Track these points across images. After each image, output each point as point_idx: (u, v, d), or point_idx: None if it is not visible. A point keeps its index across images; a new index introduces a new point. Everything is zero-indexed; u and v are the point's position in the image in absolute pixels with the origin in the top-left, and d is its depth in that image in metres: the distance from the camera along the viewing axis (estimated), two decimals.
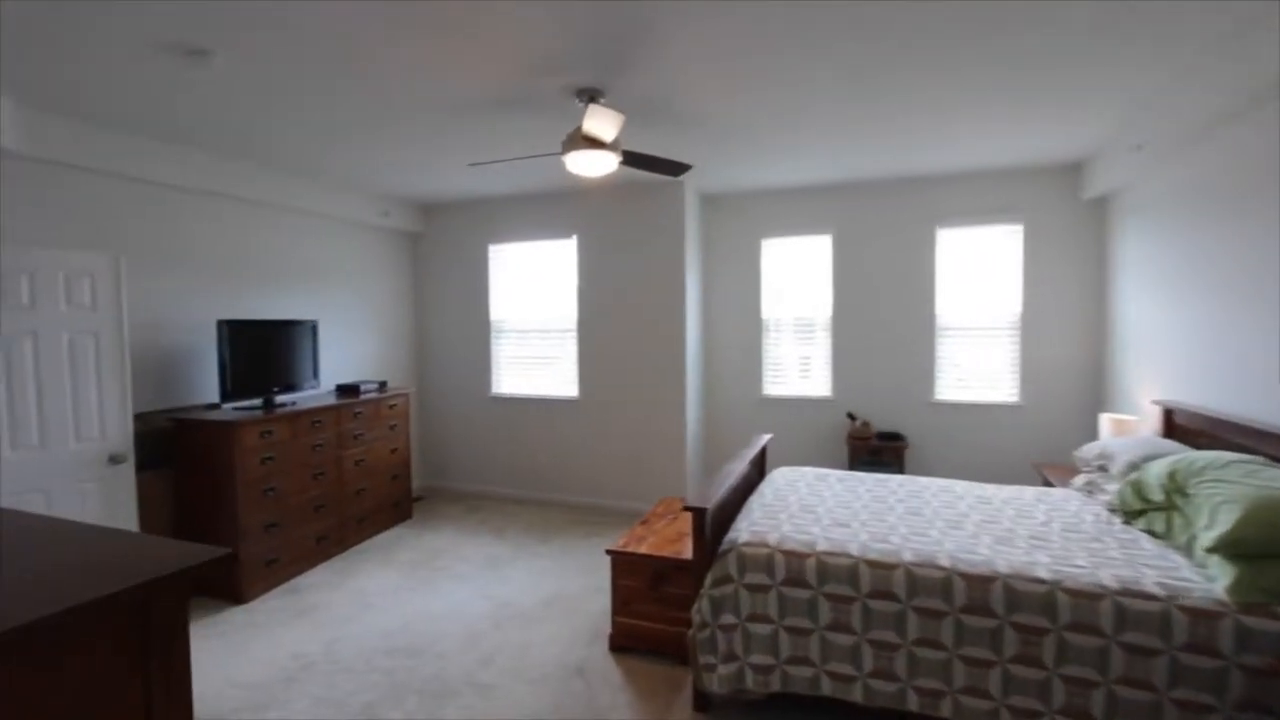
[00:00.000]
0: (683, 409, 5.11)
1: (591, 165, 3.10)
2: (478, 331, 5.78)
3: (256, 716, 2.61)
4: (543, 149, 3.78)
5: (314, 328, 4.50)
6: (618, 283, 5.25)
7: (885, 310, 5.09)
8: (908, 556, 2.40)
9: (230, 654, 3.10)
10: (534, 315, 5.61)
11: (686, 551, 2.99)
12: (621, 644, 3.08)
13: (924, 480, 3.52)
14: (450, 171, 4.51)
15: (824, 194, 5.19)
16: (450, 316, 5.91)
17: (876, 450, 4.89)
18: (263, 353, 4.10)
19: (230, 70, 2.73)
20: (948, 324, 4.96)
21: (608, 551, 3.10)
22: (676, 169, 3.49)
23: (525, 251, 5.60)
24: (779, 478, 3.58)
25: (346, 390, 4.79)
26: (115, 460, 3.36)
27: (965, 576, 2.27)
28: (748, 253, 5.48)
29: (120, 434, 3.39)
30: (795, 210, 5.30)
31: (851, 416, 5.07)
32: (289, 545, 3.98)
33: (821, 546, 2.52)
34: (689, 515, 3.28)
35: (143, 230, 3.73)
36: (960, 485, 3.40)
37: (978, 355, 4.92)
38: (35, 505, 3.07)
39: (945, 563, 2.35)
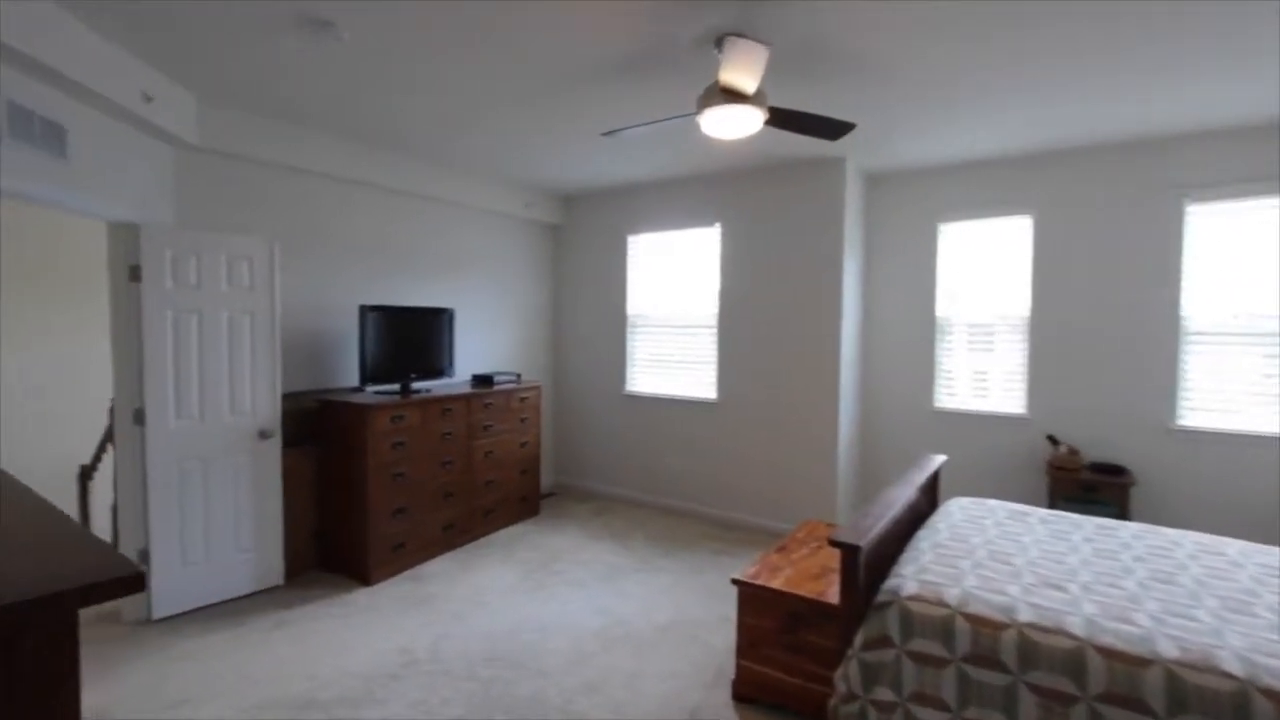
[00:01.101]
0: (835, 420, 4.45)
1: (731, 124, 2.64)
2: (613, 326, 5.55)
3: (353, 715, 2.48)
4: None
5: (451, 316, 4.51)
6: (765, 274, 4.72)
7: (1104, 309, 4.03)
8: (1168, 650, 1.65)
9: (347, 637, 3.06)
10: (672, 310, 5.25)
11: (831, 593, 2.42)
12: (746, 693, 2.58)
13: (1170, 533, 2.60)
14: (587, 150, 4.28)
15: (1022, 165, 4.25)
16: (586, 310, 5.75)
17: (1089, 486, 3.87)
18: (401, 339, 4.15)
19: (360, 44, 2.66)
20: (1201, 328, 3.80)
21: (734, 581, 2.61)
22: (835, 129, 2.91)
23: (665, 242, 5.26)
24: (956, 511, 2.85)
25: (481, 380, 4.77)
26: (264, 435, 3.51)
27: (1273, 696, 1.49)
28: (920, 240, 4.66)
29: (269, 411, 3.54)
30: (983, 186, 4.40)
31: (1054, 441, 4.08)
32: (416, 531, 3.97)
33: (1025, 615, 1.84)
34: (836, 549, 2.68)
35: (294, 217, 3.91)
36: (1233, 546, 2.45)
37: (1240, 367, 3.70)
38: (194, 473, 3.27)
39: (1234, 668, 1.57)
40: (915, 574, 2.11)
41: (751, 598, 2.56)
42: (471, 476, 4.40)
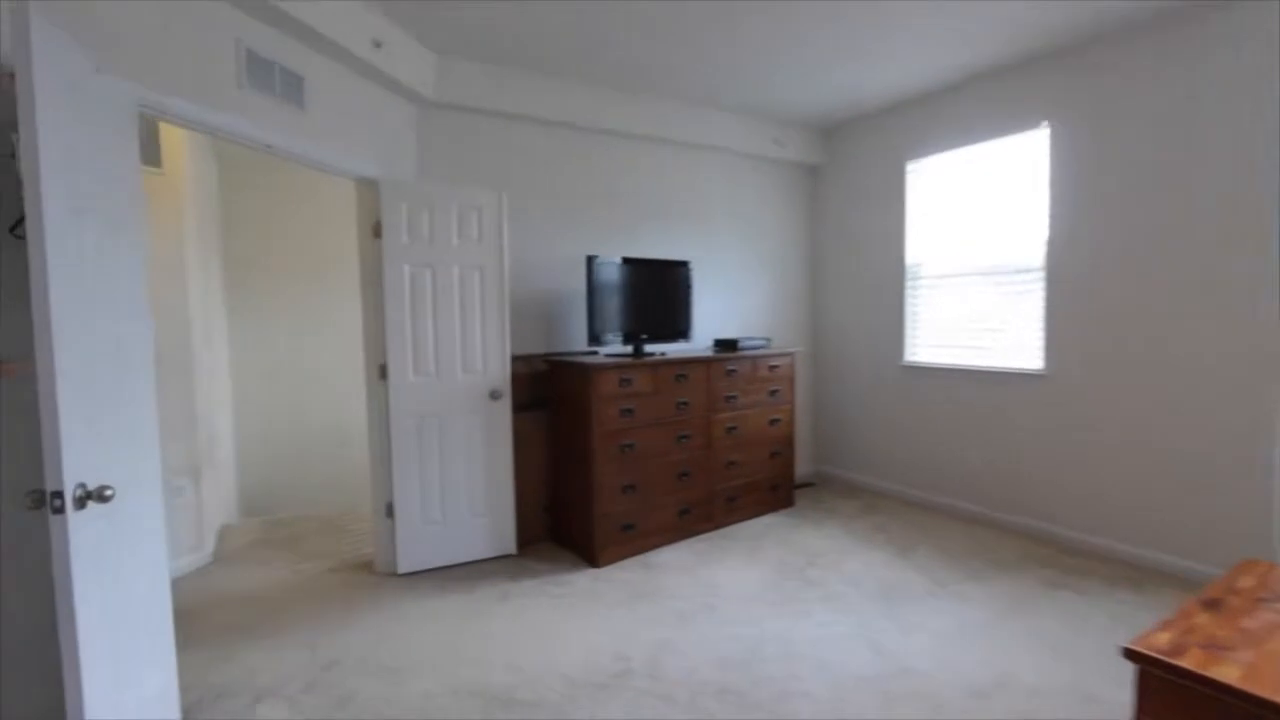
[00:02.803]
0: (1273, 403, 2.75)
1: None
2: (888, 280, 4.41)
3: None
4: None
5: (688, 271, 3.93)
6: (1130, 187, 3.16)
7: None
8: None
9: (562, 624, 2.67)
10: (970, 255, 3.92)
11: None
12: None
13: None
14: (862, 54, 3.30)
15: None
16: (852, 262, 4.70)
17: None
18: (632, 295, 3.69)
19: None
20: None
21: (1132, 655, 1.48)
22: None
23: (960, 163, 3.95)
24: None
25: (724, 345, 4.12)
26: (495, 396, 3.34)
27: None
28: None
29: (500, 370, 3.36)
30: None
31: None
32: (648, 513, 3.48)
33: None
34: None
35: (523, 170, 3.69)
36: None
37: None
38: (432, 429, 3.21)
39: None
40: None
41: (1174, 693, 1.41)
42: (711, 455, 3.76)
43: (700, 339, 4.27)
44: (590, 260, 3.49)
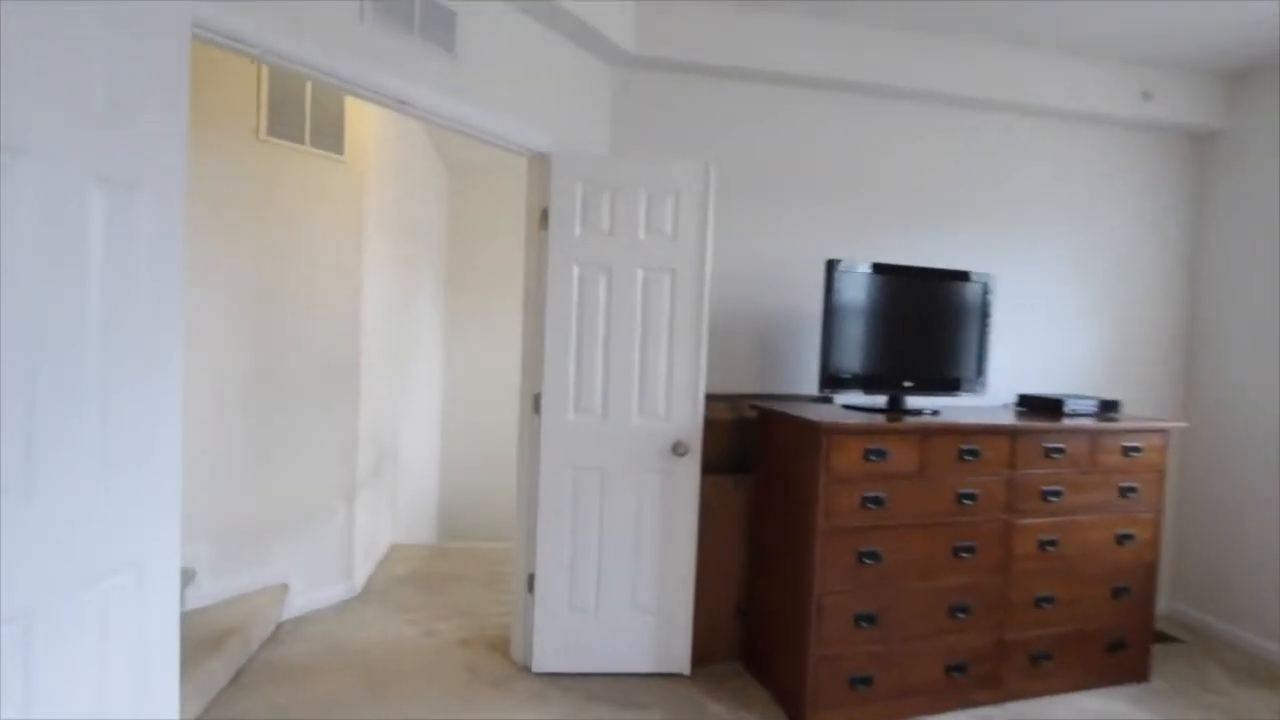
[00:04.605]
0: None
1: None
2: None
3: None
4: None
5: (982, 291, 2.57)
6: None
7: None
8: None
9: None
10: None
11: None
12: None
13: None
14: None
15: None
16: (1258, 285, 2.83)
17: None
18: (891, 322, 2.48)
19: None
20: None
21: None
22: None
23: None
24: None
25: (1036, 405, 2.67)
26: (679, 451, 2.39)
27: None
28: None
29: (688, 415, 2.41)
30: None
31: None
32: (896, 662, 2.21)
33: None
34: None
35: (734, 144, 2.71)
36: None
37: None
38: (590, 487, 2.39)
39: None
40: None
41: None
42: (1008, 583, 2.34)
43: (996, 389, 2.83)
44: (831, 267, 2.37)
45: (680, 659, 2.44)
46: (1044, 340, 3.05)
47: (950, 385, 2.55)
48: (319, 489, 2.87)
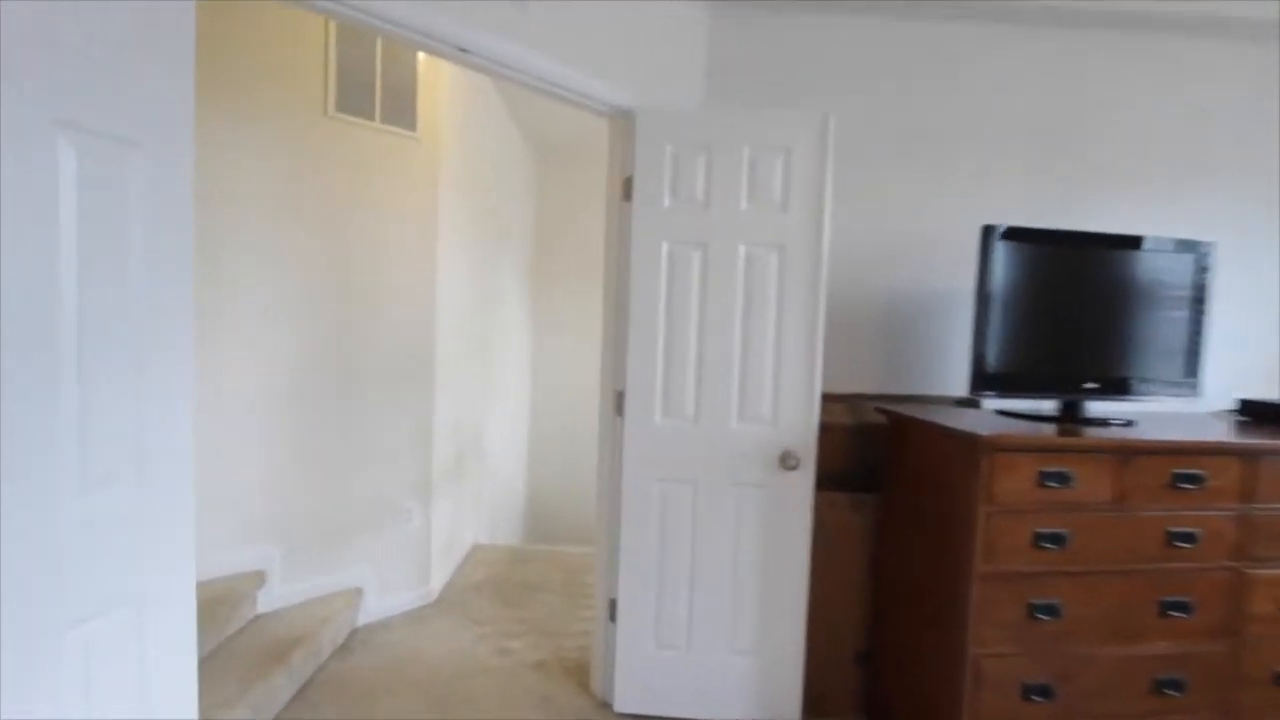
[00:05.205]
0: None
1: None
2: None
3: None
4: None
5: (1199, 263, 1.96)
6: None
7: None
8: None
9: None
10: None
11: None
12: None
13: None
14: None
15: None
16: None
17: None
18: (1065, 304, 1.93)
19: None
20: None
21: None
22: None
23: None
24: None
25: (1267, 415, 2.02)
26: (789, 463, 1.98)
27: None
28: None
29: (801, 420, 1.99)
30: None
31: None
32: None
33: None
34: None
35: (850, 90, 2.23)
36: None
37: None
38: (682, 503, 2.03)
39: None
40: None
41: None
42: (1239, 651, 1.75)
43: (1215, 391, 2.18)
44: (989, 235, 1.86)
45: (788, 707, 2.05)
46: (1264, 329, 2.35)
47: (1147, 387, 1.97)
48: (394, 488, 2.70)
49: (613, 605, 2.11)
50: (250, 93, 2.21)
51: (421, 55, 2.59)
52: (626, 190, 2.03)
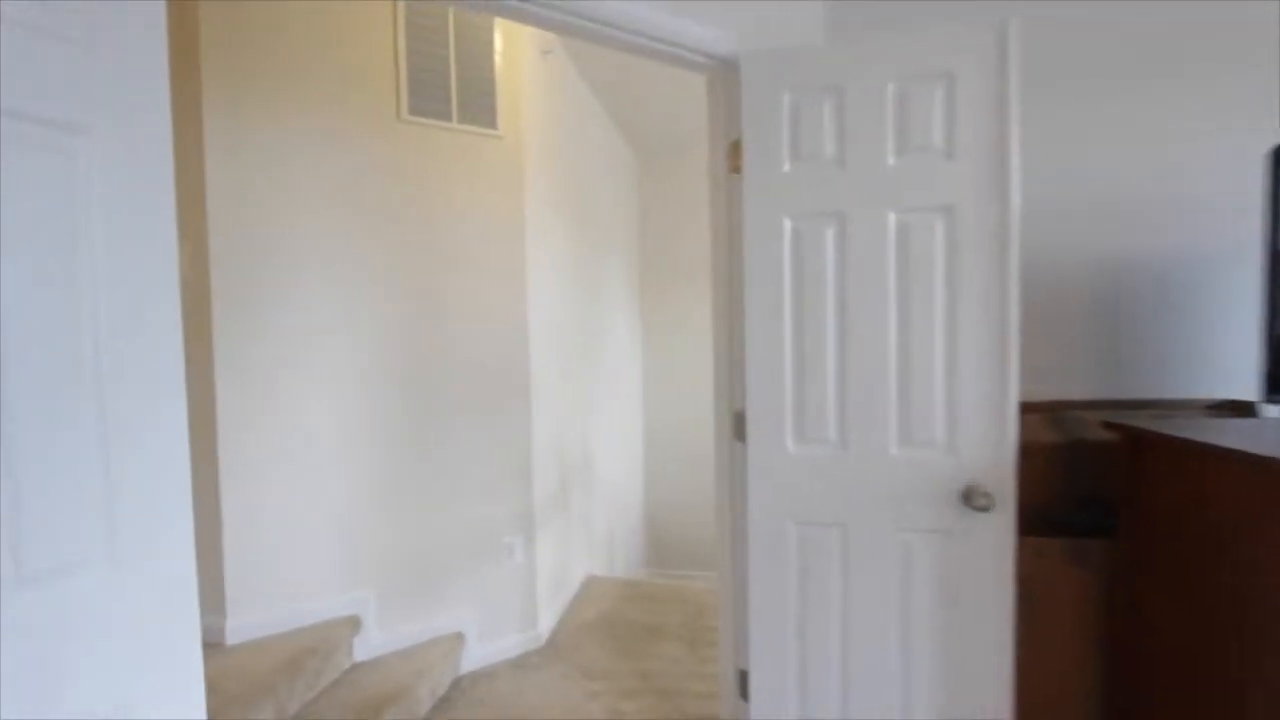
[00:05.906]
0: None
1: None
2: None
3: None
4: None
5: None
6: None
7: None
8: None
9: None
10: None
11: None
12: None
13: None
14: None
15: None
16: None
17: None
18: None
19: None
20: None
21: None
22: None
23: None
24: None
25: None
26: (974, 500, 1.45)
27: None
28: None
29: (989, 440, 1.46)
30: None
31: None
32: None
33: None
34: None
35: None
36: None
37: None
38: (828, 553, 1.57)
39: None
40: None
41: None
42: None
43: None
44: (1277, 157, 1.24)
45: None
46: None
47: None
48: (492, 521, 2.46)
49: (743, 678, 1.69)
50: (318, 101, 2.06)
51: (498, 50, 2.36)
52: (734, 159, 1.62)
